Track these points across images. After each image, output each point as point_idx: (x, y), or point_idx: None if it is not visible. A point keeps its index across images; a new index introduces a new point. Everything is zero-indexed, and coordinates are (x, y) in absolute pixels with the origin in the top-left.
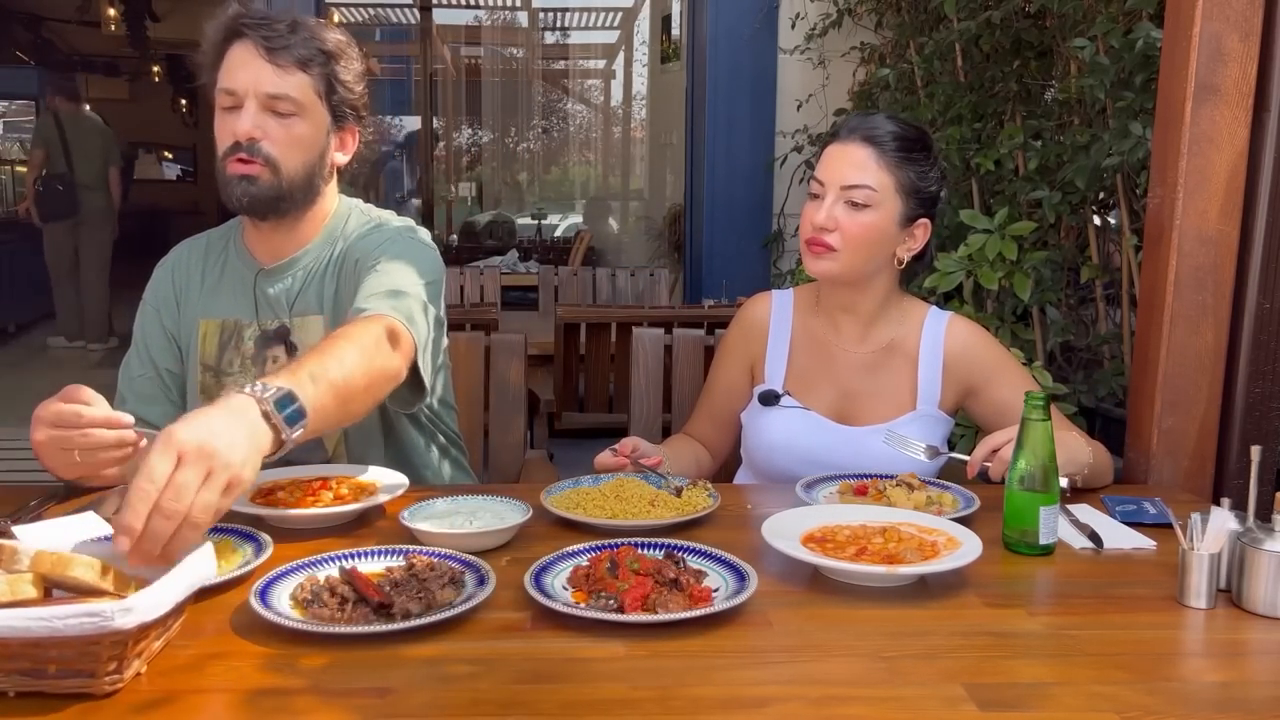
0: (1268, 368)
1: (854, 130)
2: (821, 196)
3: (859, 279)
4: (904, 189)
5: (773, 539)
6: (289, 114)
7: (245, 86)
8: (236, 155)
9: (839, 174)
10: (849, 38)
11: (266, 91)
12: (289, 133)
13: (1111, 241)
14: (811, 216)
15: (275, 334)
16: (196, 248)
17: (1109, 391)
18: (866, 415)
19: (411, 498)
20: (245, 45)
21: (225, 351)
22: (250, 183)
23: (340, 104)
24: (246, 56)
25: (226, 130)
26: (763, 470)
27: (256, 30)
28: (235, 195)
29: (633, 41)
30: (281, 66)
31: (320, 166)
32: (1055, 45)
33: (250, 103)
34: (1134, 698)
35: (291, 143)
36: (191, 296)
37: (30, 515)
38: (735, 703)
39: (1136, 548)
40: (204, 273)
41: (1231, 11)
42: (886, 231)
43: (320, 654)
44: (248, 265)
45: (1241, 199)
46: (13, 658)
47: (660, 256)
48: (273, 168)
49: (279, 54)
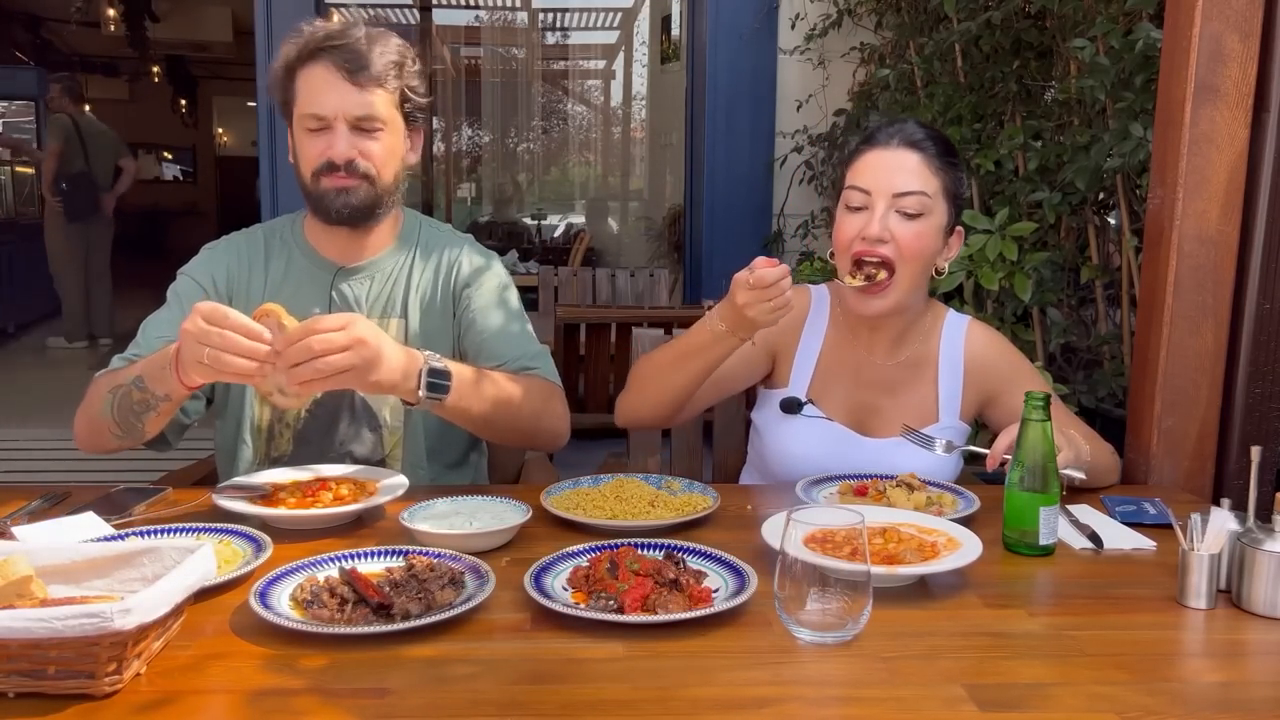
0: (1268, 368)
1: (894, 135)
2: (867, 207)
3: (910, 303)
4: (948, 194)
5: (773, 540)
6: (376, 130)
7: (334, 111)
8: (334, 174)
9: (889, 181)
10: (849, 38)
11: (355, 114)
12: (381, 147)
13: (1111, 242)
14: (857, 229)
15: None
16: (254, 242)
17: (1109, 392)
18: (887, 428)
19: (411, 498)
20: (325, 67)
21: None
22: (349, 195)
23: (412, 110)
24: (329, 78)
25: (315, 151)
26: (779, 479)
27: (338, 53)
28: (333, 208)
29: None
30: (363, 86)
31: (401, 170)
32: (1055, 46)
33: (340, 125)
34: (1134, 698)
35: (385, 156)
36: (253, 289)
37: (30, 515)
38: (735, 703)
39: (1136, 548)
40: (267, 268)
41: (1231, 11)
42: (937, 242)
43: (320, 654)
44: (320, 265)
45: (1241, 199)
46: (12, 658)
47: (660, 257)
48: (370, 181)
49: (360, 74)
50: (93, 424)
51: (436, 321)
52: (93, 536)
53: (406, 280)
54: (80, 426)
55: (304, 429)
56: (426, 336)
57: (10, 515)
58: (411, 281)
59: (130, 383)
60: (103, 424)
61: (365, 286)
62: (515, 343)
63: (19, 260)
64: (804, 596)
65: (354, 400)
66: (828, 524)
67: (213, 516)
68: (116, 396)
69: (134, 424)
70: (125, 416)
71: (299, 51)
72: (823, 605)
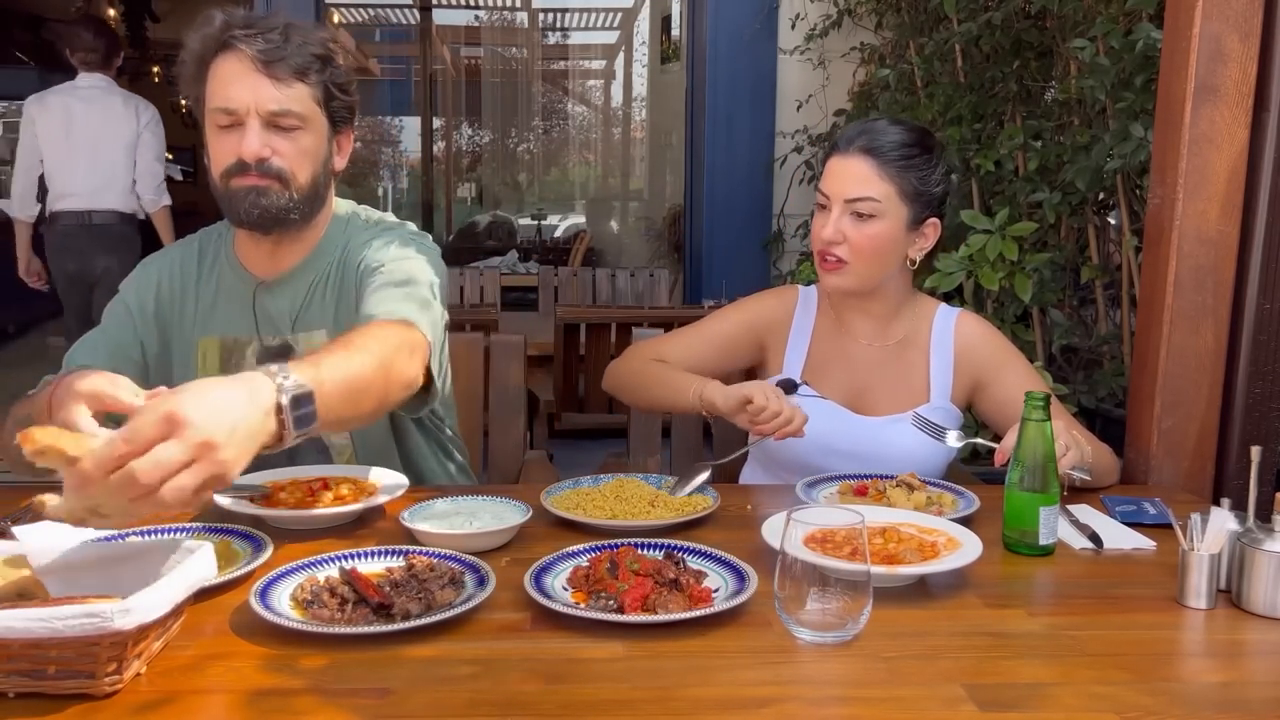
0: (1268, 368)
1: (851, 141)
2: (828, 208)
3: (872, 287)
4: (907, 195)
5: (773, 540)
6: (293, 128)
7: (245, 104)
8: (245, 174)
9: (841, 187)
10: (849, 38)
11: (269, 109)
12: (296, 146)
13: (1111, 242)
14: (819, 230)
15: (278, 351)
16: (188, 257)
17: (1109, 392)
18: (881, 407)
19: (411, 498)
20: (238, 57)
21: (227, 370)
22: (261, 195)
23: (338, 109)
24: (240, 70)
25: (227, 149)
26: (779, 460)
27: (250, 42)
28: (242, 209)
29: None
30: (280, 79)
31: (324, 175)
32: (1055, 46)
33: (253, 121)
34: (1134, 698)
35: (300, 156)
36: (186, 312)
37: (30, 515)
38: (735, 703)
39: (1136, 548)
40: (198, 287)
41: (1231, 11)
42: (895, 238)
43: (320, 654)
44: (243, 280)
45: (1241, 199)
46: (13, 658)
47: (660, 257)
48: (283, 182)
49: (276, 66)
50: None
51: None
52: (93, 536)
53: (329, 289)
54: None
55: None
56: None
57: (10, 515)
58: (334, 289)
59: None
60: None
61: (287, 300)
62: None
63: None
64: (804, 596)
65: None
66: (828, 524)
67: (213, 516)
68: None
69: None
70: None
71: (210, 41)
72: (823, 605)
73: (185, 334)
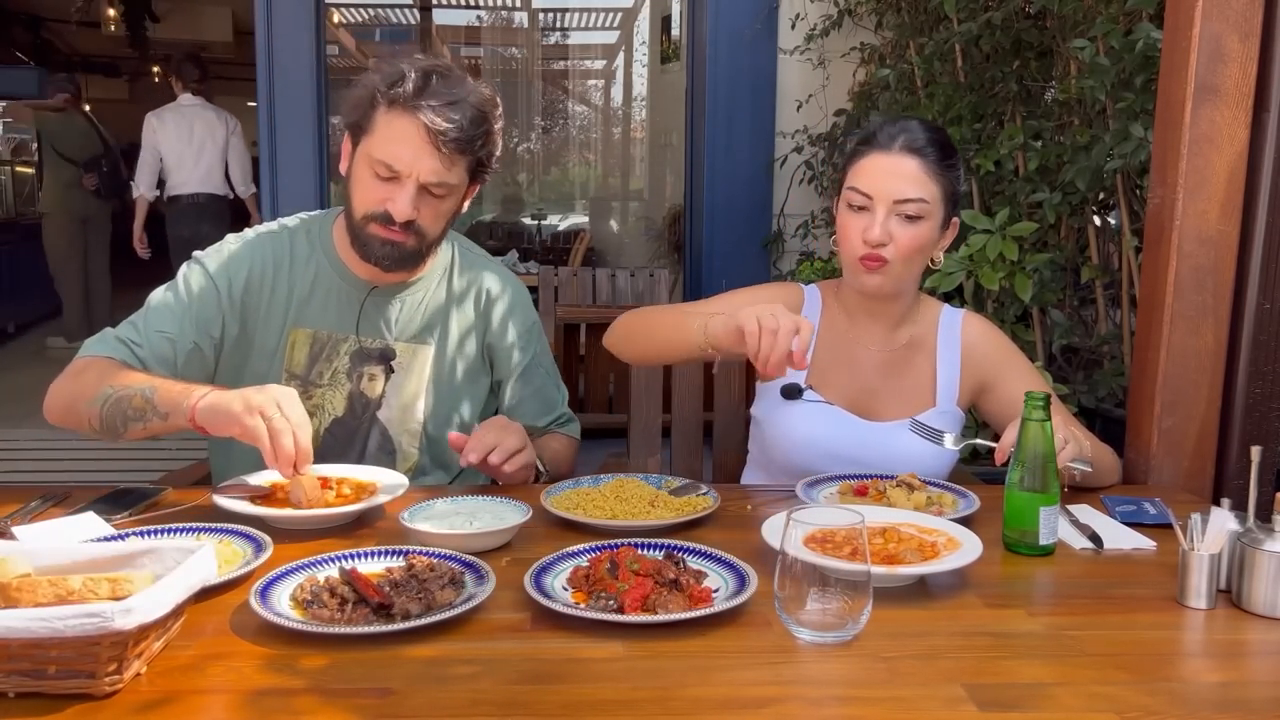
0: (1268, 368)
1: (894, 139)
2: (869, 209)
3: (904, 289)
4: (946, 196)
5: (773, 540)
6: (443, 196)
7: (408, 169)
8: (388, 225)
9: (890, 188)
10: (849, 38)
11: (429, 181)
12: (439, 209)
13: (1111, 242)
14: (861, 232)
15: (379, 354)
16: (280, 246)
17: (1109, 392)
18: (887, 411)
19: (411, 498)
20: (415, 124)
21: (316, 363)
22: (395, 248)
23: (481, 172)
24: (414, 134)
25: (375, 196)
26: (783, 466)
27: (435, 114)
28: (375, 253)
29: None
30: (448, 155)
31: (454, 220)
32: (1055, 46)
33: (410, 184)
34: (1134, 698)
35: (440, 217)
36: (277, 300)
37: (30, 516)
38: (735, 703)
39: (1136, 548)
40: (291, 277)
41: (1231, 11)
42: (933, 240)
43: (320, 654)
44: (351, 282)
45: (1241, 199)
46: (13, 658)
47: (660, 257)
48: (419, 236)
49: (448, 144)
50: (74, 406)
51: (466, 351)
52: (93, 536)
53: (439, 308)
54: (56, 401)
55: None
56: (453, 366)
57: (10, 515)
58: (444, 309)
59: (139, 390)
60: (86, 412)
61: (396, 309)
62: (546, 401)
63: (19, 260)
64: (804, 596)
65: (371, 428)
66: (828, 524)
67: (213, 516)
68: (113, 396)
69: (119, 428)
70: (114, 418)
71: (393, 95)
72: (823, 605)
73: (272, 322)
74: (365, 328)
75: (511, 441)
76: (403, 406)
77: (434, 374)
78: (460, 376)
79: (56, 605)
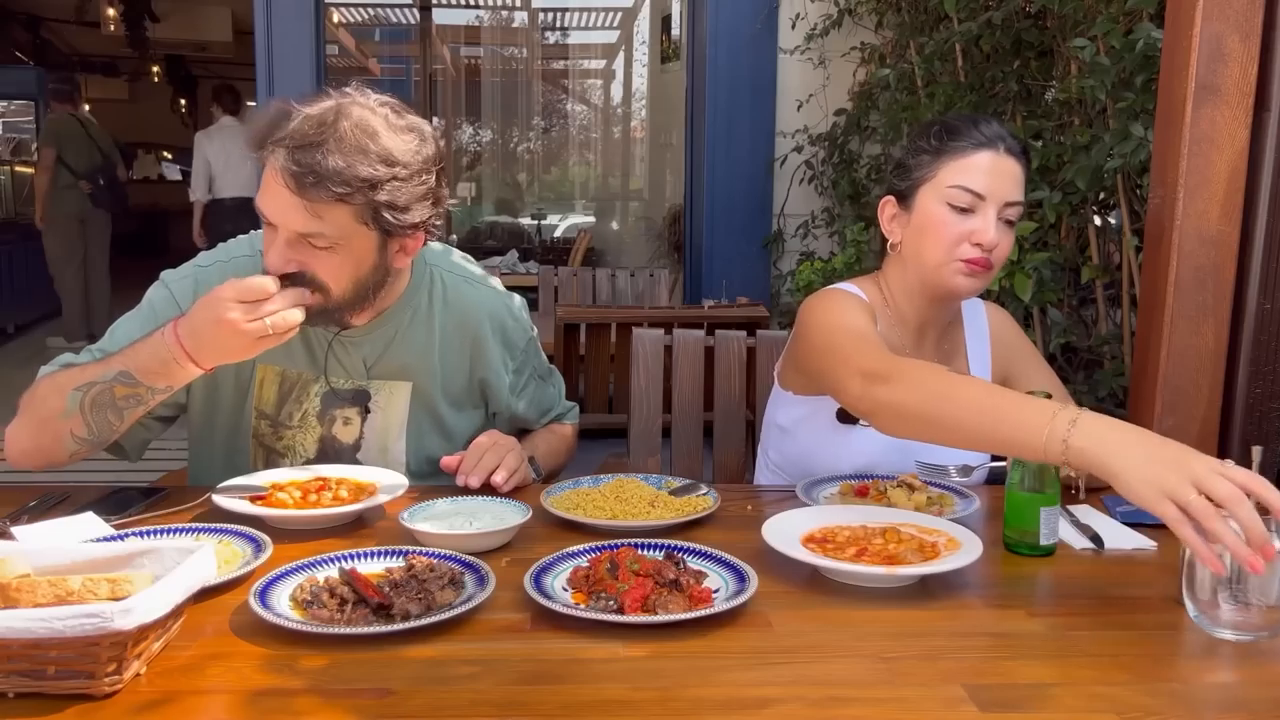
0: (1268, 368)
1: (1001, 138)
2: (974, 210)
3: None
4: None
5: (773, 540)
6: (327, 247)
7: (277, 217)
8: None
9: (1004, 189)
10: (849, 38)
11: (300, 230)
12: (330, 262)
13: (1112, 242)
14: (969, 234)
15: (351, 396)
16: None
17: (1109, 392)
18: None
19: (411, 498)
20: (274, 166)
21: (285, 403)
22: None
23: (393, 225)
24: (274, 182)
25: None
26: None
27: (290, 156)
28: None
29: (633, 41)
30: (312, 202)
31: (376, 276)
32: (1055, 45)
33: (281, 234)
34: (1134, 698)
35: (335, 270)
36: None
37: (30, 515)
38: (735, 703)
39: (1137, 548)
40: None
41: (1231, 11)
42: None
43: (320, 655)
44: (312, 330)
45: (1241, 199)
46: (12, 659)
47: (660, 257)
48: (322, 292)
49: (308, 190)
50: (43, 428)
51: (453, 387)
52: (93, 536)
53: (421, 343)
54: (20, 435)
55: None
56: (438, 402)
57: (9, 515)
58: (426, 345)
59: (111, 378)
60: (60, 427)
61: (363, 351)
62: (541, 405)
63: (19, 260)
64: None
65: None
66: None
67: (213, 516)
68: (88, 394)
69: (111, 421)
70: (101, 413)
71: (257, 135)
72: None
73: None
74: (334, 372)
75: (512, 460)
76: (382, 448)
77: (414, 411)
78: (445, 412)
79: (56, 605)
